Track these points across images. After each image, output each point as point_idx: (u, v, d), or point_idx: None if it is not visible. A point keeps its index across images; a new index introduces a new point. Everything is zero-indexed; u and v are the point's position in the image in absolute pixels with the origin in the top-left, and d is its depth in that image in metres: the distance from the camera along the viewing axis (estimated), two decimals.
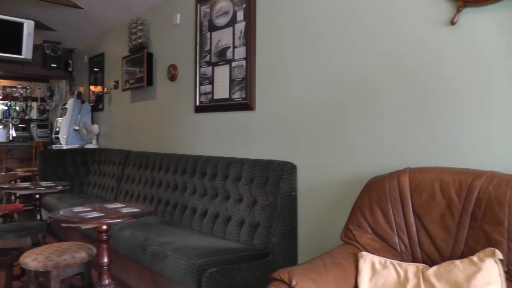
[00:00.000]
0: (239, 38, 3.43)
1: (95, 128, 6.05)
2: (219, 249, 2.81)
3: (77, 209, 2.76)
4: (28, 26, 5.92)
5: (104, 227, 2.53)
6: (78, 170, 5.79)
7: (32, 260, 2.76)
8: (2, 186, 4.03)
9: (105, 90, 5.85)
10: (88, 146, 6.05)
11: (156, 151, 4.52)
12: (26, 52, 6.05)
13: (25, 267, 2.81)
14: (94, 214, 2.54)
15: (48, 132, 7.51)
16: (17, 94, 7.67)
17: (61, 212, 2.68)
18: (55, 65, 6.75)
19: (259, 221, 3.00)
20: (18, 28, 5.90)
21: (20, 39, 5.96)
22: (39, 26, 6.11)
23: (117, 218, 2.49)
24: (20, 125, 7.47)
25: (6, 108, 7.59)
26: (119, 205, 2.89)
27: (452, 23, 2.15)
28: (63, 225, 2.51)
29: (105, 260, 2.62)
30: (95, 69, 6.26)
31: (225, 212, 3.29)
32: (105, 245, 2.60)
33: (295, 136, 3.05)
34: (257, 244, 2.96)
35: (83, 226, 2.52)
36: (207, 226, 3.39)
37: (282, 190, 2.94)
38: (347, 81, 2.68)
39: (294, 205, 3.02)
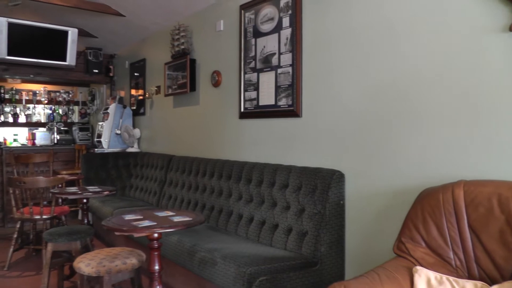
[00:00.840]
0: (285, 44, 3.42)
1: (137, 132, 6.17)
2: (268, 257, 2.80)
3: (128, 217, 2.80)
4: (72, 34, 6.10)
5: (156, 235, 2.57)
6: (120, 173, 5.91)
7: (86, 265, 2.83)
8: (52, 191, 4.15)
9: (146, 95, 5.95)
10: (130, 149, 6.16)
11: (200, 156, 4.56)
12: (70, 58, 6.25)
13: (78, 272, 2.89)
14: (147, 223, 2.58)
15: (89, 135, 7.69)
16: (60, 99, 7.89)
17: (113, 220, 2.73)
18: (96, 71, 6.92)
19: (307, 229, 2.98)
20: (63, 36, 6.09)
21: (64, 47, 6.16)
22: (82, 33, 6.29)
23: (169, 227, 2.51)
24: (63, 129, 7.68)
25: (50, 112, 7.82)
26: (170, 213, 2.92)
27: (511, 29, 2.07)
28: (117, 233, 2.55)
29: (156, 267, 2.65)
30: (136, 74, 6.38)
31: (271, 219, 3.28)
32: (156, 253, 2.64)
33: (343, 144, 3.01)
34: (305, 253, 2.94)
35: (136, 235, 2.55)
36: (254, 232, 3.39)
37: (331, 198, 2.91)
38: (396, 89, 2.63)
39: (342, 214, 2.98)
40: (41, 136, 7.48)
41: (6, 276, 4.24)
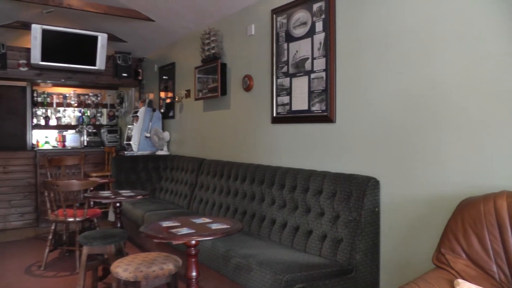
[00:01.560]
0: (318, 49, 3.40)
1: (166, 135, 6.23)
2: (303, 264, 2.80)
3: (165, 223, 2.83)
4: (101, 39, 6.20)
5: (194, 242, 2.59)
6: (150, 175, 5.98)
7: (123, 270, 2.87)
8: (86, 195, 4.23)
9: (176, 99, 6.00)
10: (160, 152, 6.23)
11: (231, 160, 4.57)
12: (100, 63, 6.36)
13: (116, 276, 2.93)
14: (185, 231, 2.60)
15: (118, 137, 7.81)
16: (89, 101, 8.03)
17: (151, 227, 2.77)
18: (125, 75, 7.02)
19: (342, 236, 2.96)
20: (93, 41, 6.20)
21: (94, 51, 6.26)
22: (111, 38, 6.39)
23: (208, 235, 2.53)
24: (91, 131, 7.82)
25: (80, 114, 7.97)
26: (206, 219, 2.93)
27: None
28: (155, 241, 2.58)
29: (194, 273, 2.67)
30: (164, 77, 6.45)
31: (305, 225, 3.27)
32: (194, 259, 2.66)
33: (378, 150, 2.97)
34: (340, 260, 2.92)
35: (175, 243, 2.58)
36: (287, 238, 3.39)
37: (366, 205, 2.88)
38: (434, 95, 2.58)
39: (377, 221, 2.95)
40: (71, 138, 7.63)
41: (43, 276, 4.36)
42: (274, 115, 3.89)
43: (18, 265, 4.68)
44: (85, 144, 7.62)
